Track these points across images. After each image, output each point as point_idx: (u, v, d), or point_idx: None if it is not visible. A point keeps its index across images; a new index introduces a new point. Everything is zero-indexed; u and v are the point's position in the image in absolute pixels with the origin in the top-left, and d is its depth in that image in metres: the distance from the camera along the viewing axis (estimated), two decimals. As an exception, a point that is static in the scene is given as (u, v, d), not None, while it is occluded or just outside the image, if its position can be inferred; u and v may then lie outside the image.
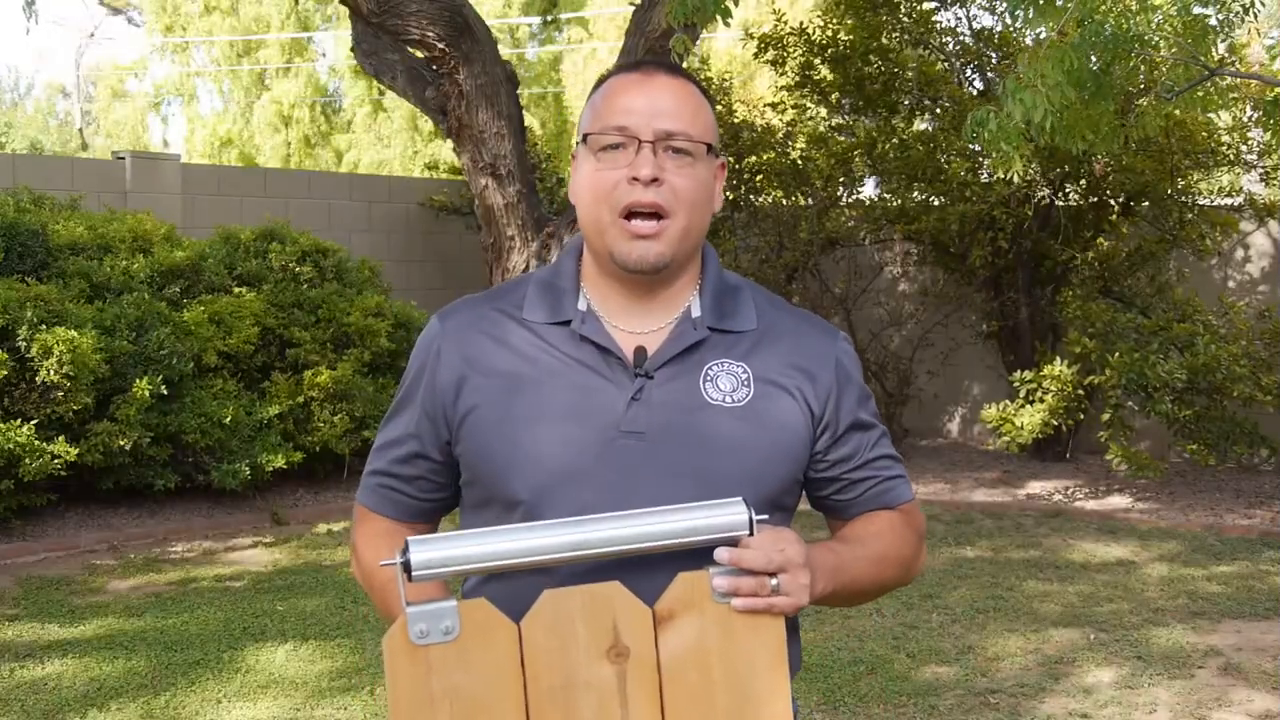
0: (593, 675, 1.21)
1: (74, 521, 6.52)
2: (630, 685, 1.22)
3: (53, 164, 9.12)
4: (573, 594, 1.22)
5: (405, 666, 1.20)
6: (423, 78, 6.78)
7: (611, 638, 1.22)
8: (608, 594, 1.22)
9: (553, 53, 23.89)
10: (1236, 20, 4.92)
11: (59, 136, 31.75)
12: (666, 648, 1.22)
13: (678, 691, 1.22)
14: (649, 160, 1.41)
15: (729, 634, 1.23)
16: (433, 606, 1.20)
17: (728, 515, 1.25)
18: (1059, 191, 8.46)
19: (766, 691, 1.23)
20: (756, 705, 1.23)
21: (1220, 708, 4.10)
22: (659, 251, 1.43)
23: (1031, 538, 6.57)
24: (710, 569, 1.23)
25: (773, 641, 1.24)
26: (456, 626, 1.20)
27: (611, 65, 1.64)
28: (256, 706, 4.06)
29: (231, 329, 6.92)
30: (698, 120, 1.45)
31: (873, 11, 8.92)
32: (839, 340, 1.54)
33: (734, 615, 1.23)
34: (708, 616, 1.23)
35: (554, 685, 1.21)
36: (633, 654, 1.22)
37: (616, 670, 1.21)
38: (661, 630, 1.22)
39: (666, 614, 1.22)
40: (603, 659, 1.21)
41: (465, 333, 1.50)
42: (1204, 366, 6.97)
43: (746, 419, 1.44)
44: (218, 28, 24.21)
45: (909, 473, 1.57)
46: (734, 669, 1.23)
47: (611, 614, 1.22)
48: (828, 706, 4.06)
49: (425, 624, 1.20)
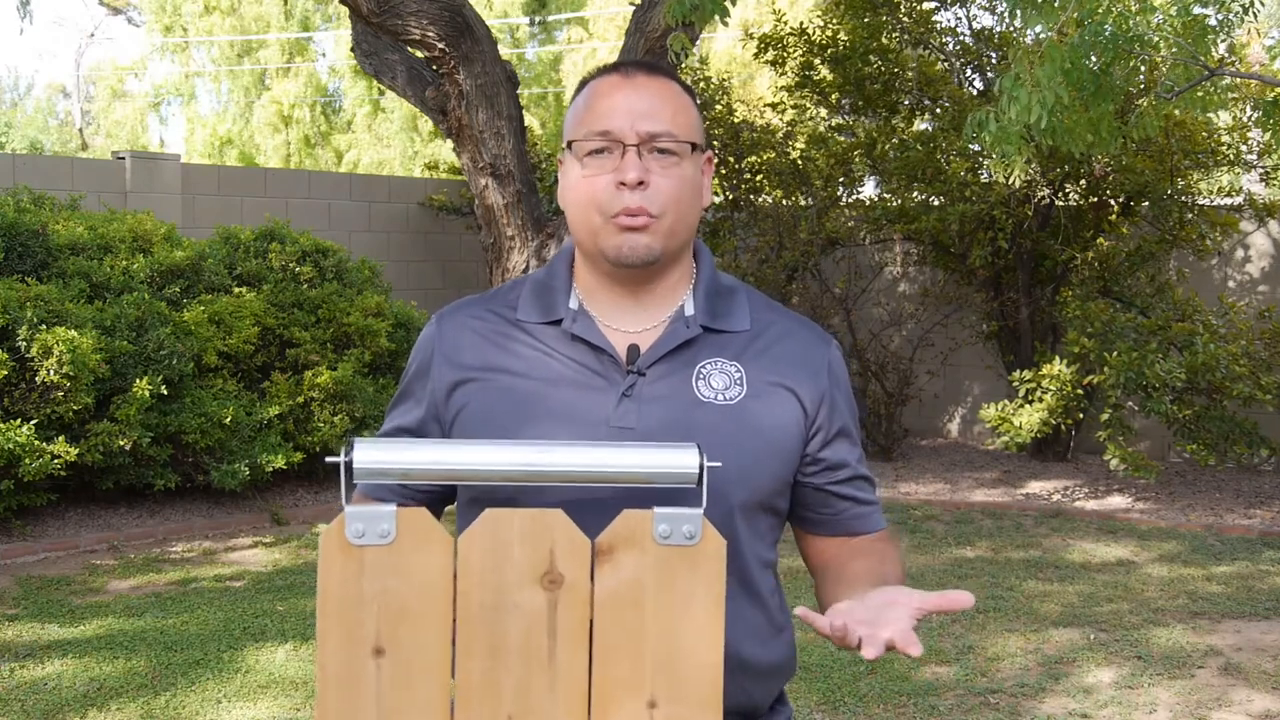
0: (524, 599, 1.21)
1: (74, 521, 6.52)
2: (561, 614, 1.21)
3: (53, 164, 9.12)
4: (514, 515, 1.22)
5: (338, 565, 1.20)
6: (423, 78, 6.78)
7: (548, 564, 1.21)
8: (549, 520, 1.22)
9: (553, 53, 23.89)
10: (1236, 20, 4.93)
11: (59, 136, 31.75)
12: (603, 582, 1.22)
13: (609, 626, 1.22)
14: (634, 164, 1.42)
15: (668, 576, 1.22)
16: (372, 509, 1.20)
17: (680, 456, 1.24)
18: (1059, 191, 8.46)
19: (700, 639, 1.23)
20: (688, 652, 1.23)
21: (1220, 708, 4.10)
22: (647, 244, 1.43)
23: (1031, 538, 6.57)
24: (656, 509, 1.23)
25: (713, 591, 1.23)
26: (393, 531, 1.20)
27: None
28: (256, 706, 4.06)
29: (231, 329, 6.92)
30: (680, 119, 1.45)
31: (873, 11, 8.92)
32: (832, 346, 1.55)
33: (674, 559, 1.22)
34: (648, 556, 1.22)
35: (484, 604, 1.21)
36: (567, 582, 1.21)
37: (549, 598, 1.21)
38: (600, 564, 1.22)
39: (607, 548, 1.22)
40: (536, 584, 1.21)
41: (460, 333, 1.51)
42: (1203, 366, 6.97)
43: (738, 418, 1.44)
44: (218, 28, 24.22)
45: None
46: (669, 612, 1.22)
47: (550, 540, 1.21)
48: (827, 706, 4.06)
49: (363, 524, 1.20)
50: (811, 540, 1.57)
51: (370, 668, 1.21)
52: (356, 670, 1.21)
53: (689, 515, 1.23)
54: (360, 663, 1.21)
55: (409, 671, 1.21)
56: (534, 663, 1.22)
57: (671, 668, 1.23)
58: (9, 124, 30.48)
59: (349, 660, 1.21)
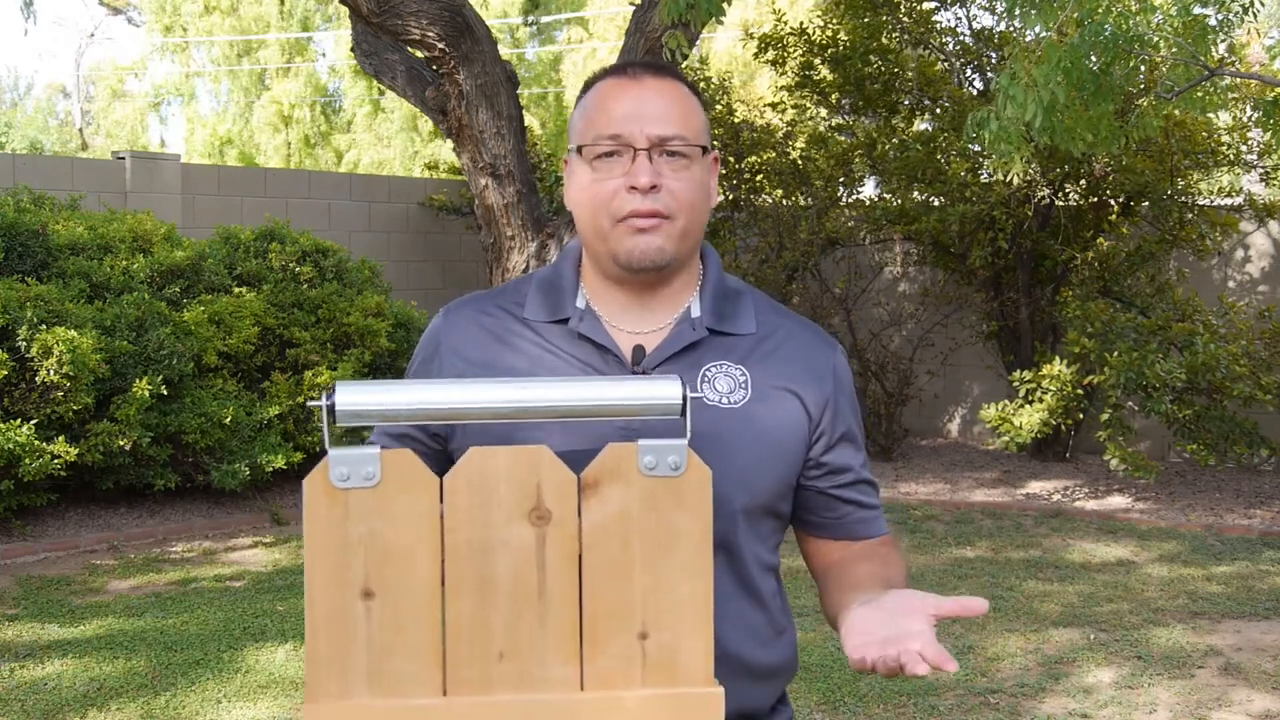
0: (511, 536, 1.21)
1: (74, 521, 6.52)
2: (549, 549, 1.21)
3: (53, 164, 9.12)
4: (498, 453, 1.21)
5: (324, 509, 1.20)
6: (423, 78, 6.78)
7: (534, 500, 1.21)
8: (534, 456, 1.21)
9: (553, 53, 23.89)
10: (1236, 20, 4.93)
11: (59, 136, 31.75)
12: (589, 516, 1.22)
13: (597, 560, 1.22)
14: (646, 168, 1.41)
15: (654, 508, 1.22)
16: (356, 451, 1.20)
17: (663, 387, 1.24)
18: (1059, 191, 8.46)
19: (687, 569, 1.23)
20: (676, 582, 1.23)
21: (1220, 708, 4.10)
22: (659, 246, 1.43)
23: (1031, 538, 6.57)
24: (640, 441, 1.23)
25: (699, 522, 1.23)
26: (378, 473, 1.19)
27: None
28: (256, 706, 4.06)
29: (231, 329, 6.92)
30: (690, 121, 1.45)
31: (873, 11, 8.92)
32: (837, 351, 1.54)
33: (660, 490, 1.22)
34: (634, 488, 1.22)
35: (471, 542, 1.21)
36: (554, 518, 1.21)
37: (536, 533, 1.21)
38: (586, 498, 1.22)
39: (593, 482, 1.22)
40: (523, 520, 1.21)
41: (467, 328, 1.51)
42: (1203, 366, 6.97)
43: (742, 421, 1.44)
44: (218, 28, 24.21)
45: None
46: (657, 543, 1.22)
47: (536, 476, 1.21)
48: (828, 706, 4.06)
49: (347, 467, 1.19)
50: (814, 544, 1.57)
51: (359, 610, 1.20)
52: (346, 613, 1.21)
53: (674, 446, 1.22)
54: (349, 606, 1.20)
55: (398, 613, 1.21)
56: (523, 599, 1.22)
57: (660, 598, 1.23)
58: (9, 124, 30.48)
59: (338, 604, 1.20)
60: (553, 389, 1.25)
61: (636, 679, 1.23)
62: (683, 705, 1.23)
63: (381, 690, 1.21)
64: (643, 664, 1.23)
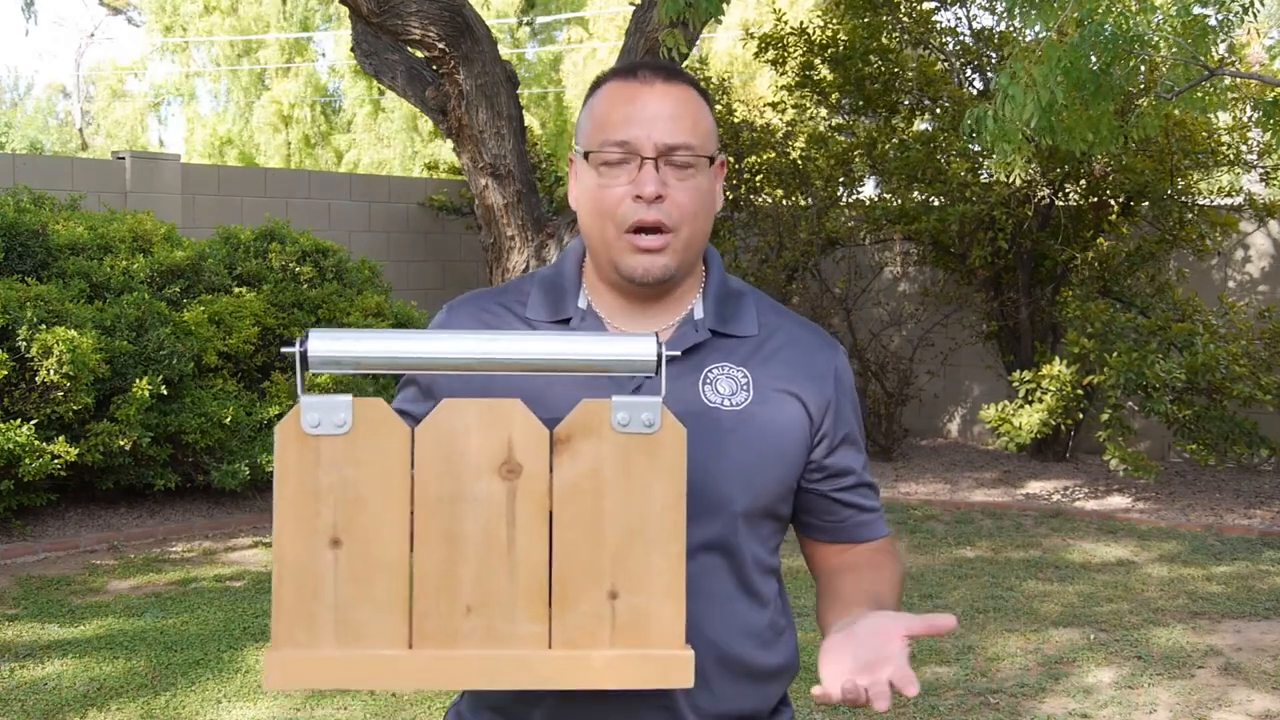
0: (482, 489, 1.20)
1: (74, 521, 6.52)
2: (519, 503, 1.20)
3: (53, 164, 9.12)
4: (470, 405, 1.20)
5: (294, 455, 1.20)
6: (423, 78, 6.78)
7: (505, 454, 1.20)
8: (506, 409, 1.20)
9: (553, 53, 23.89)
10: (1236, 20, 4.92)
11: (59, 136, 31.75)
12: (561, 472, 1.20)
13: (568, 515, 1.20)
14: (652, 178, 1.40)
15: (627, 464, 1.21)
16: (328, 398, 1.19)
17: (638, 344, 1.23)
18: (1059, 191, 8.46)
19: (661, 529, 1.21)
20: (648, 542, 1.21)
21: (1220, 708, 4.10)
22: (664, 264, 1.43)
23: (1031, 538, 6.57)
24: (614, 397, 1.21)
25: (672, 481, 1.22)
26: (349, 420, 1.19)
27: (610, 66, 1.61)
28: (256, 706, 4.06)
29: (231, 329, 6.92)
30: (699, 129, 1.44)
31: (873, 11, 8.92)
32: (839, 353, 1.54)
33: (633, 447, 1.21)
34: (606, 444, 1.21)
35: (441, 494, 1.20)
36: (525, 472, 1.20)
37: (507, 487, 1.20)
38: (558, 453, 1.21)
39: (565, 437, 1.21)
40: (494, 474, 1.20)
41: (468, 325, 1.51)
42: (1203, 366, 6.97)
43: (743, 423, 1.44)
44: (218, 28, 24.22)
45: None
46: (629, 500, 1.21)
47: (508, 430, 1.20)
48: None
49: (319, 414, 1.19)
50: (814, 545, 1.57)
51: (327, 559, 1.19)
52: (314, 562, 1.19)
53: (648, 403, 1.21)
54: (317, 554, 1.19)
55: (366, 563, 1.19)
56: (493, 553, 1.20)
57: (631, 558, 1.21)
58: (9, 124, 30.48)
59: (306, 552, 1.19)
60: (527, 343, 1.23)
61: (605, 639, 1.21)
62: (650, 665, 1.21)
63: (347, 640, 1.20)
64: (612, 624, 1.21)
